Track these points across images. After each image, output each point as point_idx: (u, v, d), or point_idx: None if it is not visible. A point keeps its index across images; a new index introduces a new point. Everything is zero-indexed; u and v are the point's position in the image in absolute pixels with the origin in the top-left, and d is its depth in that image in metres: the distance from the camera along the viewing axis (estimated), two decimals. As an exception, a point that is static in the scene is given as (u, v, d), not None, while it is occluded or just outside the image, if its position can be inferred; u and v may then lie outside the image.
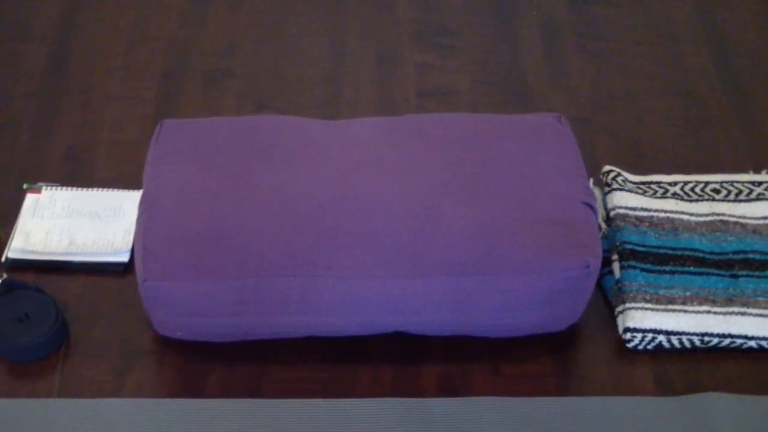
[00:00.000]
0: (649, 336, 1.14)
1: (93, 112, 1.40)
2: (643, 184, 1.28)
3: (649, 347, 1.15)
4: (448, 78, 1.45)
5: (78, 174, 1.32)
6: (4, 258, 1.22)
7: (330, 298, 1.08)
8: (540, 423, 1.09)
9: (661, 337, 1.15)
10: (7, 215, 1.26)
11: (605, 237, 1.23)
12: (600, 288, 1.20)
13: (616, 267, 1.20)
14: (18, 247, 1.22)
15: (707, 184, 1.29)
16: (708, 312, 1.16)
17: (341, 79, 1.45)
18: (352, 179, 1.13)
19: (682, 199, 1.27)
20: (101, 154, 1.35)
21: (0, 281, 1.17)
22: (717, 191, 1.28)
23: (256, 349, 1.15)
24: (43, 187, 1.29)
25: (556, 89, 1.44)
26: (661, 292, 1.17)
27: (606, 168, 1.29)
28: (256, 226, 1.09)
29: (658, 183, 1.29)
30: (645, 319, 1.15)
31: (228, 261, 1.08)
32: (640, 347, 1.15)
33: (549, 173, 1.15)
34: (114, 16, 1.54)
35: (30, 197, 1.28)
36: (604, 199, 1.27)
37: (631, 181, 1.28)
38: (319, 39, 1.51)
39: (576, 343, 1.16)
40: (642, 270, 1.19)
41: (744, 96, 1.44)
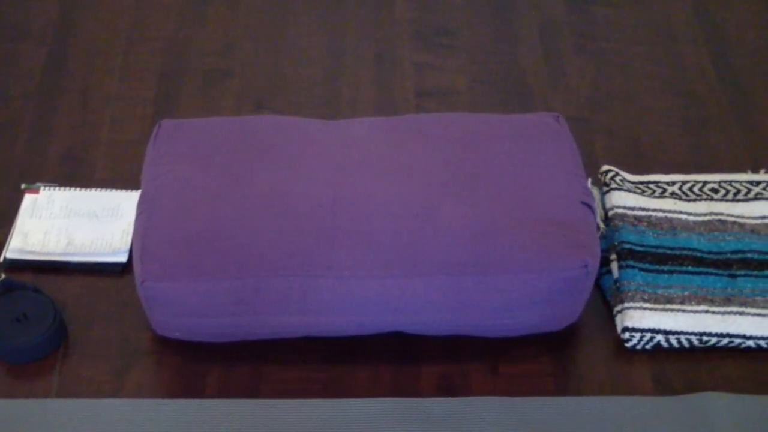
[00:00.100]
0: (648, 335, 1.14)
1: (91, 112, 1.40)
2: (642, 183, 1.28)
3: (648, 347, 1.15)
4: (447, 78, 1.45)
5: (76, 174, 1.32)
6: (2, 258, 1.22)
7: (329, 298, 1.08)
8: (539, 423, 1.09)
9: (660, 337, 1.15)
10: (6, 215, 1.26)
11: (604, 237, 1.23)
12: (598, 288, 1.20)
13: (614, 267, 1.20)
14: (16, 248, 1.22)
15: (705, 183, 1.29)
16: (706, 311, 1.16)
17: (340, 79, 1.45)
18: (351, 179, 1.13)
19: (680, 199, 1.27)
20: (100, 154, 1.35)
21: (-2, 281, 1.17)
22: (715, 191, 1.28)
23: (255, 349, 1.14)
24: (42, 188, 1.29)
25: (555, 89, 1.44)
26: (660, 291, 1.17)
27: (604, 168, 1.29)
28: (255, 226, 1.09)
29: (656, 183, 1.29)
30: (643, 319, 1.15)
31: (227, 261, 1.08)
32: (638, 347, 1.15)
33: (548, 173, 1.15)
34: (113, 16, 1.54)
35: (28, 197, 1.28)
36: (602, 199, 1.27)
37: (630, 181, 1.28)
38: (319, 39, 1.51)
39: (574, 343, 1.16)
40: (640, 270, 1.19)
41: (743, 96, 1.43)
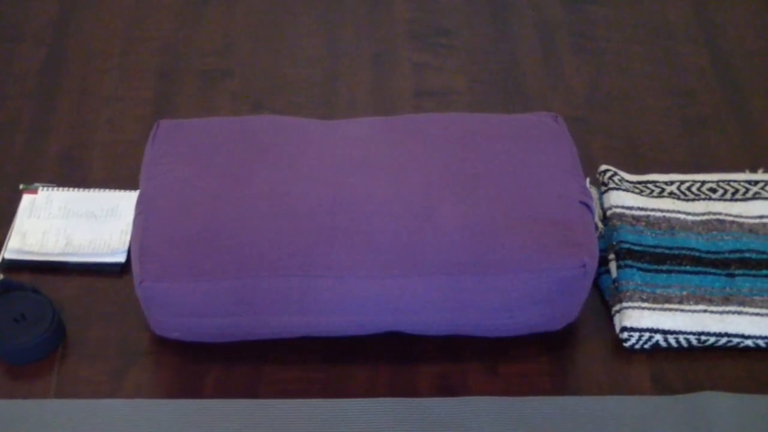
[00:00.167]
0: (646, 335, 1.14)
1: (89, 112, 1.40)
2: (640, 183, 1.28)
3: (646, 346, 1.15)
4: (445, 78, 1.45)
5: (74, 174, 1.32)
6: (0, 259, 1.22)
7: (328, 297, 1.08)
8: (537, 422, 1.09)
9: (658, 337, 1.15)
10: (4, 216, 1.26)
11: (602, 236, 1.23)
12: (597, 287, 1.20)
13: (612, 266, 1.20)
14: (14, 248, 1.22)
15: (704, 183, 1.29)
16: (705, 311, 1.16)
17: (339, 79, 1.45)
18: (350, 179, 1.13)
19: (678, 199, 1.27)
20: (98, 154, 1.34)
21: (-3, 282, 1.17)
22: (713, 190, 1.28)
23: (253, 349, 1.14)
24: (40, 188, 1.29)
25: (553, 89, 1.44)
26: (658, 291, 1.17)
27: (603, 167, 1.29)
28: (254, 226, 1.09)
29: (654, 182, 1.29)
30: (642, 319, 1.15)
31: (226, 261, 1.08)
32: (637, 346, 1.15)
33: (546, 173, 1.15)
34: (110, 16, 1.53)
35: (26, 198, 1.28)
36: (600, 199, 1.27)
37: (628, 181, 1.28)
38: (317, 39, 1.51)
39: (573, 343, 1.16)
40: (639, 269, 1.19)
41: (741, 95, 1.43)
